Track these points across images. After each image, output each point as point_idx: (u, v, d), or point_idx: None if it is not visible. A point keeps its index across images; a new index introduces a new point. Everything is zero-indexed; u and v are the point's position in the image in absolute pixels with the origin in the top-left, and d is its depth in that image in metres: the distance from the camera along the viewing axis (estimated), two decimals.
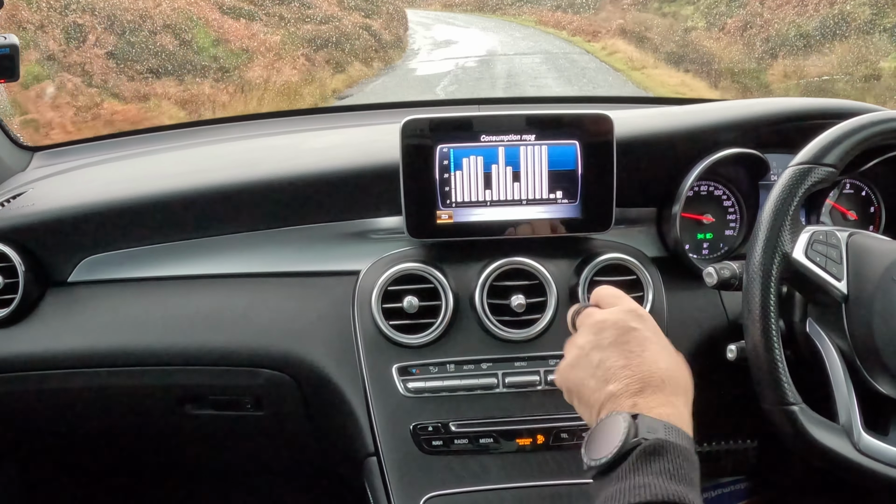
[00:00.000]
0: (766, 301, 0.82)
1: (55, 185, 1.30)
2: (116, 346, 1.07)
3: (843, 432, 0.82)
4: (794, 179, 0.85)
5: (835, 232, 0.87)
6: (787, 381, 0.81)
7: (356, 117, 1.57)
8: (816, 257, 0.84)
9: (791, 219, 0.84)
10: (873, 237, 0.90)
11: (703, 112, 1.19)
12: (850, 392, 0.83)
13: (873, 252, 0.86)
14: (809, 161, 0.86)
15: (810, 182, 0.85)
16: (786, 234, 0.83)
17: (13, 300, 1.07)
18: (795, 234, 0.84)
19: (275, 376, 1.07)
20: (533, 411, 1.01)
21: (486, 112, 1.33)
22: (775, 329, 0.82)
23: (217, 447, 1.37)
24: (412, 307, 1.01)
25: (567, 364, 0.79)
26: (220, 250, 1.13)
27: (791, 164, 0.87)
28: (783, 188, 0.85)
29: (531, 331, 1.03)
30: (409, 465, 0.99)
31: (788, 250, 0.83)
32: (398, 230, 1.08)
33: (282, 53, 6.93)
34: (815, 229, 0.86)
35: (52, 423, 1.26)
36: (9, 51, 1.17)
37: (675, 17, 8.76)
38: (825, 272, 0.84)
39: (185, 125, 1.60)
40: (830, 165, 0.86)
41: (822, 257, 0.84)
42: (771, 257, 0.82)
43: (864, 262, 0.85)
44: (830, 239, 0.86)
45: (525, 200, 1.06)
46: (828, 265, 0.84)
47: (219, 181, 1.13)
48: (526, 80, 7.58)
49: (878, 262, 0.84)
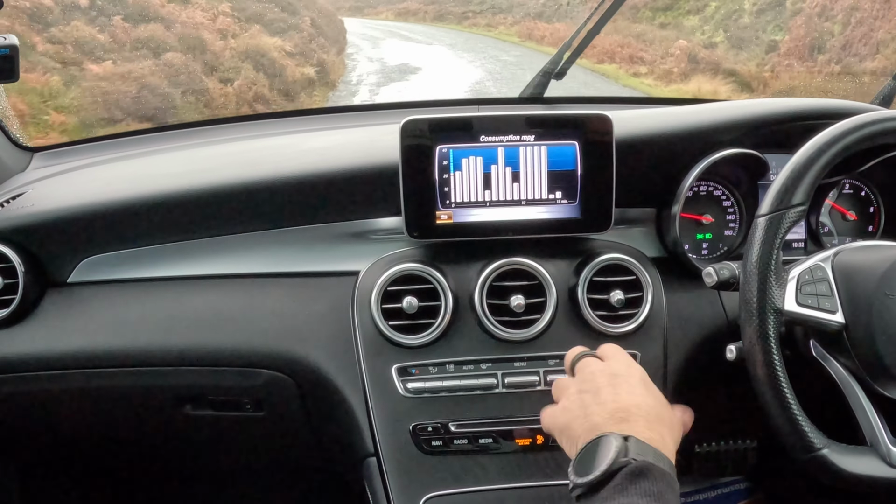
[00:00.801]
0: (771, 361, 0.82)
1: (55, 185, 1.30)
2: (116, 346, 1.07)
3: (873, 453, 0.82)
4: (768, 231, 0.84)
5: (819, 264, 0.86)
6: (807, 427, 0.81)
7: (356, 117, 1.57)
8: (808, 300, 0.84)
9: (774, 271, 0.83)
10: (858, 249, 0.89)
11: (702, 112, 1.19)
12: (869, 409, 0.83)
13: (861, 270, 0.85)
14: (776, 209, 0.85)
15: (784, 228, 0.84)
16: (773, 289, 0.83)
17: (13, 301, 1.07)
18: (782, 285, 0.83)
19: (274, 377, 1.07)
20: (532, 411, 1.01)
21: (486, 112, 1.33)
22: (786, 386, 0.82)
23: (216, 447, 1.37)
24: (412, 307, 1.01)
25: (558, 408, 0.82)
26: (220, 250, 1.13)
27: (759, 213, 0.86)
28: (760, 243, 0.84)
29: (531, 331, 1.03)
30: (409, 465, 0.99)
31: (780, 305, 0.83)
32: (398, 230, 1.08)
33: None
34: (800, 269, 0.85)
35: (51, 424, 1.26)
36: (9, 51, 1.17)
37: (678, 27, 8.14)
38: (819, 311, 0.84)
39: (185, 125, 1.59)
40: (799, 205, 0.85)
41: (814, 297, 0.84)
42: (766, 319, 0.82)
43: (854, 284, 0.84)
44: (816, 273, 0.85)
45: (524, 201, 1.06)
46: (820, 303, 0.84)
47: (219, 181, 1.13)
48: None
49: (868, 281, 0.83)
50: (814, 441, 0.81)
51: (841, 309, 0.84)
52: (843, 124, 0.87)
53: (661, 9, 8.05)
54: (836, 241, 1.21)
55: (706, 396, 1.11)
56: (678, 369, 1.07)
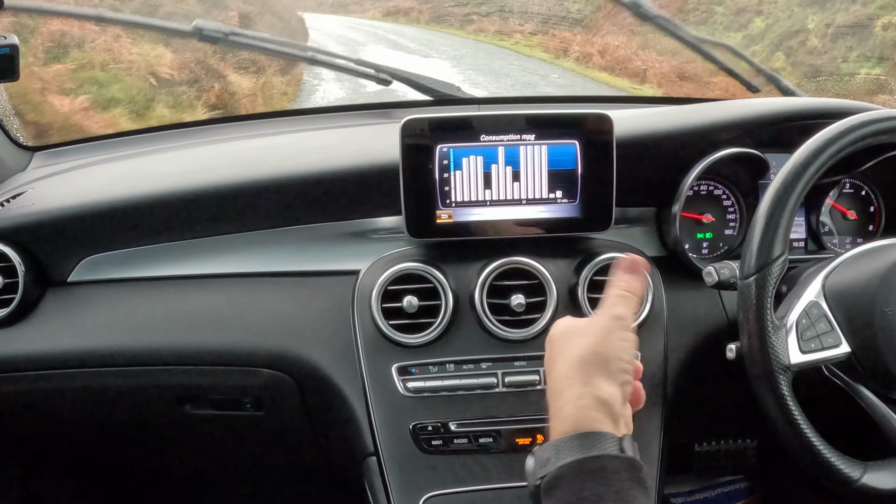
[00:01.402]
0: (791, 417, 0.82)
1: (55, 184, 1.30)
2: (116, 345, 1.07)
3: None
4: (758, 291, 0.83)
5: (813, 301, 0.85)
6: (840, 463, 0.82)
7: (356, 117, 1.57)
8: (811, 344, 0.83)
9: (773, 330, 0.82)
10: (846, 266, 0.88)
11: (702, 112, 1.19)
12: (894, 421, 0.83)
13: (855, 290, 0.84)
14: (759, 268, 0.84)
15: (772, 285, 0.83)
16: (775, 348, 0.82)
17: (13, 300, 1.07)
18: (783, 339, 0.83)
19: (274, 376, 1.07)
20: (533, 411, 1.01)
21: (486, 112, 1.33)
22: (811, 433, 0.82)
23: (216, 447, 1.37)
24: (412, 307, 1.01)
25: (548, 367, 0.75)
26: (220, 250, 1.13)
27: (742, 276, 0.85)
28: (754, 306, 0.83)
29: (531, 330, 1.02)
30: (409, 464, 0.99)
31: (787, 362, 0.82)
32: (398, 230, 1.08)
33: None
34: (797, 315, 0.84)
35: (51, 424, 1.26)
36: (9, 51, 1.17)
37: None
38: (825, 350, 0.83)
39: (185, 125, 1.59)
40: (780, 256, 0.84)
41: (816, 339, 0.83)
42: (776, 379, 0.82)
43: (851, 309, 0.84)
44: (813, 313, 0.84)
45: (525, 200, 1.06)
46: (823, 342, 0.83)
47: (219, 181, 1.13)
48: None
49: (863, 302, 0.83)
50: (851, 474, 0.81)
51: (844, 339, 0.83)
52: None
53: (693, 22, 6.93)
54: (837, 240, 1.21)
55: (706, 396, 1.12)
56: (678, 369, 1.07)
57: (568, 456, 0.61)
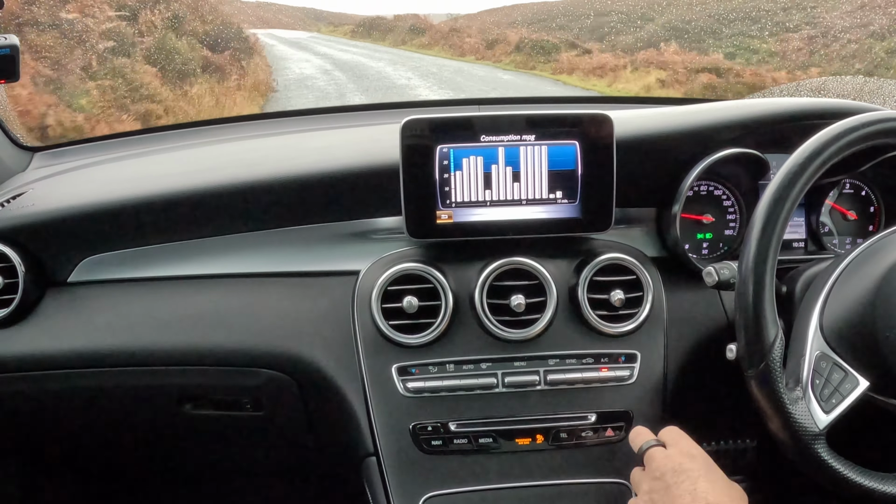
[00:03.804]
0: (835, 475, 0.80)
1: (55, 185, 1.30)
2: (116, 346, 1.07)
3: None
4: (766, 385, 0.81)
5: (820, 353, 0.82)
6: (857, 478, 0.81)
7: (356, 117, 1.57)
8: (832, 399, 0.81)
9: (790, 402, 0.80)
10: (835, 298, 0.86)
11: (702, 112, 1.19)
12: None
13: (854, 321, 0.82)
14: (761, 360, 0.82)
15: (776, 372, 0.81)
16: (801, 419, 0.80)
17: (13, 300, 1.07)
18: (804, 409, 0.80)
19: (274, 376, 1.07)
20: (532, 411, 1.01)
21: (486, 112, 1.33)
22: (864, 480, 0.81)
23: (216, 447, 1.37)
24: (412, 307, 1.01)
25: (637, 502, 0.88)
26: (220, 250, 1.13)
27: (748, 371, 0.83)
28: (769, 401, 0.81)
29: (531, 331, 1.02)
30: (409, 464, 0.99)
31: (816, 430, 0.80)
32: (398, 230, 1.08)
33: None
34: (808, 377, 0.82)
35: (51, 424, 1.26)
36: (9, 51, 1.17)
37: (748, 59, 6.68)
38: (847, 398, 0.81)
39: (185, 125, 1.59)
40: (775, 340, 0.82)
41: (836, 394, 0.81)
42: (813, 450, 0.80)
43: (854, 345, 0.82)
44: (820, 366, 0.82)
45: (525, 200, 1.06)
46: (842, 391, 0.81)
47: (219, 181, 1.13)
48: None
49: (866, 332, 0.80)
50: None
51: (860, 377, 0.81)
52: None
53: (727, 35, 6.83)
54: (836, 241, 1.21)
55: (706, 396, 1.12)
56: (678, 369, 1.07)
57: None
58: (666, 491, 0.83)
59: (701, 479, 0.82)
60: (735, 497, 0.82)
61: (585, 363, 1.03)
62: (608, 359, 1.04)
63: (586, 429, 1.01)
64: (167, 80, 6.28)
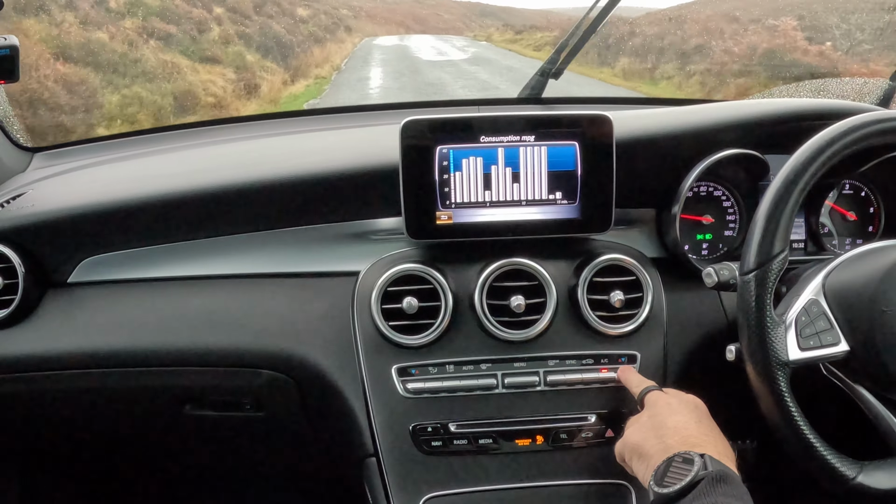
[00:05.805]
0: (789, 414, 0.82)
1: (55, 185, 1.30)
2: (116, 346, 1.07)
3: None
4: (758, 287, 0.83)
5: (813, 298, 0.85)
6: (836, 461, 0.82)
7: (356, 118, 1.57)
8: (810, 342, 0.83)
9: (771, 326, 0.82)
10: (847, 265, 0.88)
11: (702, 112, 1.19)
12: (892, 421, 0.83)
13: (854, 289, 0.84)
14: (760, 263, 0.83)
15: (772, 281, 0.83)
16: (775, 344, 0.82)
17: (13, 301, 1.07)
18: (781, 335, 0.83)
19: (274, 377, 1.07)
20: (532, 412, 1.01)
21: (486, 112, 1.33)
22: (808, 430, 0.82)
23: (216, 448, 1.37)
24: (412, 308, 1.01)
25: (630, 431, 0.89)
26: (220, 251, 1.13)
27: (742, 272, 0.85)
28: (754, 301, 0.83)
29: (530, 331, 1.03)
30: (409, 465, 0.99)
31: (786, 358, 0.82)
32: (398, 231, 1.08)
33: None
34: (796, 312, 0.84)
35: (51, 424, 1.26)
36: (9, 51, 1.17)
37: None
38: (824, 348, 0.83)
39: (185, 126, 1.59)
40: (780, 252, 0.84)
41: (815, 337, 0.83)
42: (774, 375, 0.82)
43: (850, 307, 0.84)
44: (812, 311, 0.84)
45: (524, 201, 1.06)
46: (822, 339, 0.83)
47: (219, 182, 1.13)
48: None
49: (862, 301, 0.83)
50: (846, 473, 0.81)
51: (843, 337, 0.83)
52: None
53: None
54: (836, 241, 1.21)
55: (706, 396, 1.11)
56: (678, 369, 1.07)
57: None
58: (669, 418, 0.85)
59: (704, 418, 0.86)
60: (731, 452, 0.83)
61: (585, 364, 1.03)
62: (608, 360, 1.04)
63: (586, 430, 1.01)
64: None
